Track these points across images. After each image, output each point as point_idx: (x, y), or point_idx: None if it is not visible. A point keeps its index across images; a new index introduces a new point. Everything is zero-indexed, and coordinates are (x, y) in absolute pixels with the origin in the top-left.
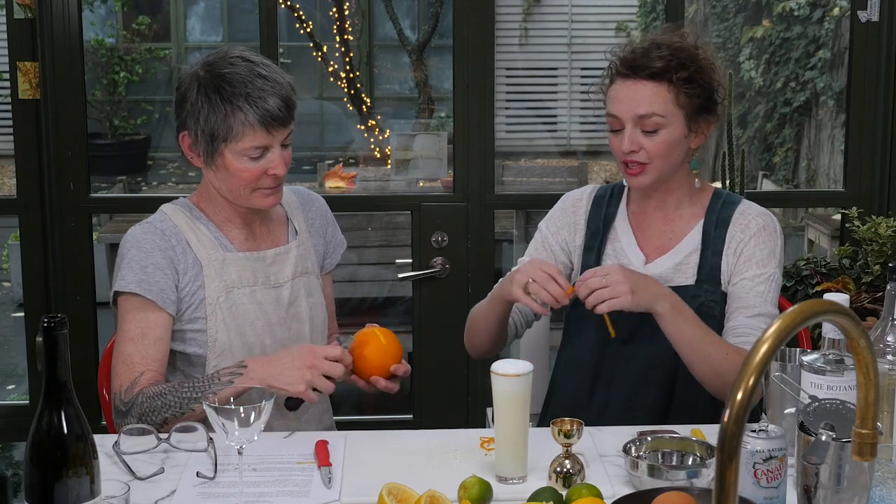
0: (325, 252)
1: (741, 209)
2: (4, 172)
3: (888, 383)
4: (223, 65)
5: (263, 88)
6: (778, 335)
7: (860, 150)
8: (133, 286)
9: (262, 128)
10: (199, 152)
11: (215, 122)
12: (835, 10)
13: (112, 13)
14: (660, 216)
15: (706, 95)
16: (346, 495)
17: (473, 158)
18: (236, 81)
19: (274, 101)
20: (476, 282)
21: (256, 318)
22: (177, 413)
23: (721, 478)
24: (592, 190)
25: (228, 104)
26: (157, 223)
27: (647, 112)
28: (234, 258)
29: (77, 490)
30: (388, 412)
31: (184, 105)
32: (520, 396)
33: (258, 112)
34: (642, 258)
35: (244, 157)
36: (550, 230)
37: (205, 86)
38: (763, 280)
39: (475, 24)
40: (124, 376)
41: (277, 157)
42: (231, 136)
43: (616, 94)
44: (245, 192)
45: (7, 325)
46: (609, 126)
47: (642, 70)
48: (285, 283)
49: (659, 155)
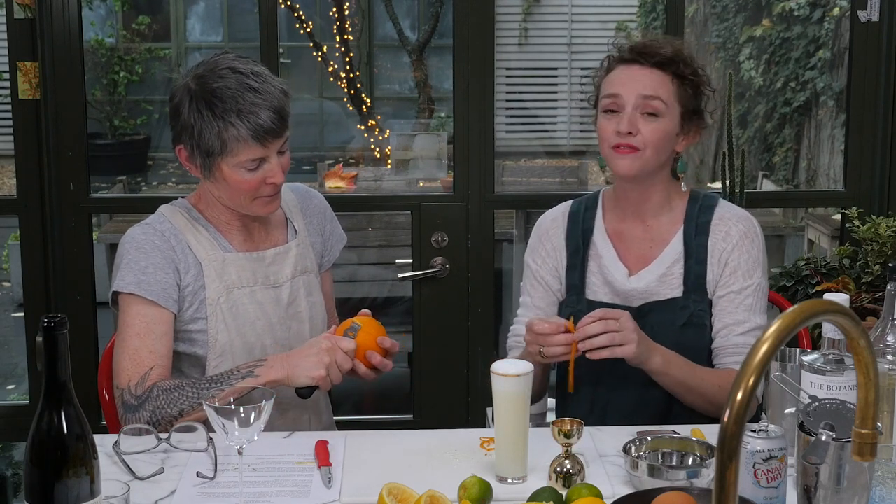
0: (324, 249)
1: (719, 213)
2: (4, 172)
3: (888, 383)
4: (213, 78)
5: (255, 102)
6: (778, 335)
7: (860, 150)
8: (132, 287)
9: (256, 142)
10: (196, 164)
11: (209, 138)
12: (835, 10)
13: (112, 13)
14: (638, 225)
15: (700, 101)
16: (346, 495)
17: (473, 158)
18: (227, 97)
19: (266, 114)
20: (476, 282)
21: (257, 319)
22: (194, 404)
23: (721, 478)
24: (566, 208)
25: (220, 120)
26: (157, 224)
27: (652, 94)
28: (233, 258)
29: (77, 490)
30: (388, 412)
31: (178, 119)
32: (520, 396)
33: (250, 127)
34: (625, 271)
35: (241, 169)
36: (537, 262)
37: (196, 101)
38: (750, 293)
39: (475, 24)
40: (132, 371)
41: (275, 165)
42: (226, 151)
43: (619, 76)
44: (245, 200)
45: (7, 325)
46: (603, 107)
47: (650, 57)
48: (285, 282)
49: (653, 142)
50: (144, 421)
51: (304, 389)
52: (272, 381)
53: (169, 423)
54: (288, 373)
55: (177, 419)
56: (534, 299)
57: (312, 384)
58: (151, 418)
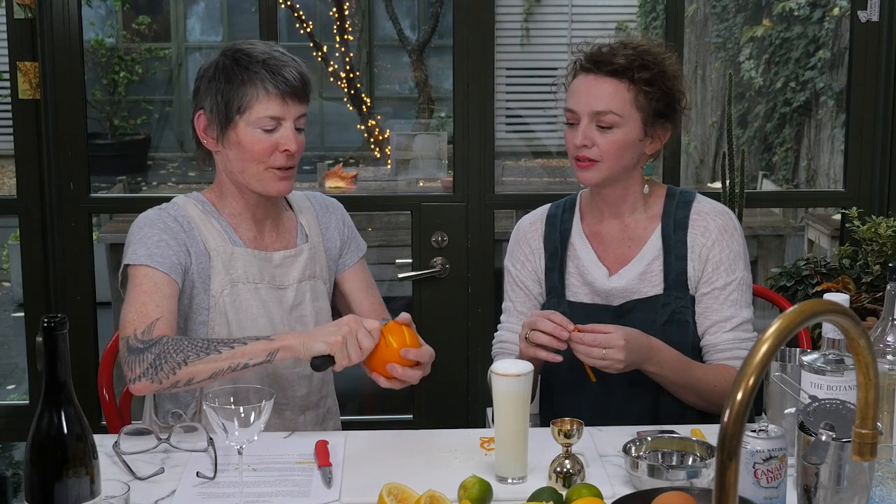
0: (339, 253)
1: (696, 209)
2: (4, 172)
3: (888, 383)
4: (243, 44)
5: (282, 60)
6: (778, 335)
7: (860, 150)
8: (144, 258)
9: (279, 96)
10: (212, 131)
11: (231, 92)
12: (835, 10)
13: (112, 13)
14: (616, 224)
15: (666, 101)
16: (346, 495)
17: (473, 158)
18: (254, 53)
19: (292, 73)
20: (476, 282)
21: (259, 316)
22: (200, 353)
23: (721, 478)
24: (543, 211)
25: (246, 71)
26: (171, 210)
27: (603, 109)
28: (241, 253)
29: (77, 490)
30: (388, 412)
31: (202, 84)
32: (520, 396)
33: (275, 79)
34: (605, 271)
35: (257, 129)
36: (517, 266)
37: (223, 63)
38: (734, 287)
39: (475, 24)
40: (138, 321)
41: (290, 132)
42: (246, 104)
43: (576, 88)
44: (258, 169)
45: (7, 325)
46: (566, 119)
47: (604, 66)
48: (290, 285)
49: (610, 153)
50: (147, 363)
51: (319, 359)
52: (286, 347)
53: (171, 371)
54: (304, 340)
55: (180, 366)
56: (515, 304)
57: (327, 350)
58: (155, 361)
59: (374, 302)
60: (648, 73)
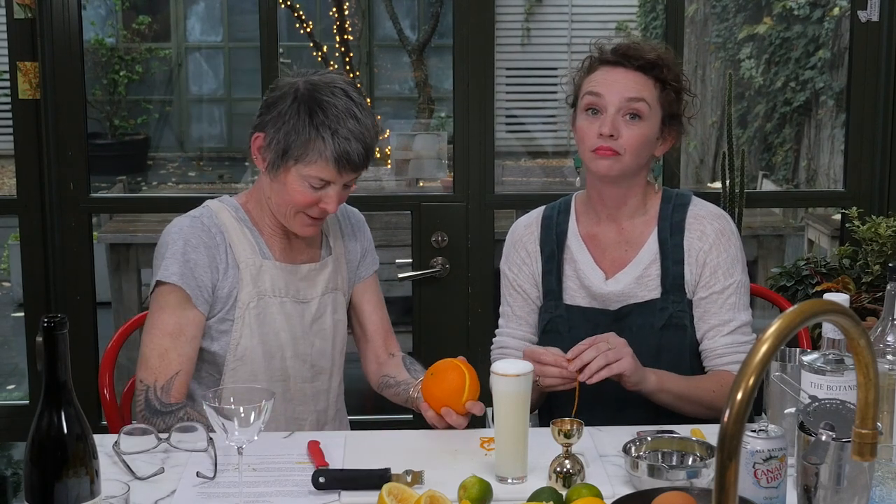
0: (358, 265)
1: (693, 212)
2: (4, 172)
3: (888, 383)
4: (325, 91)
5: (352, 131)
6: (778, 335)
7: (860, 150)
8: (176, 278)
9: (335, 166)
10: (265, 157)
11: (294, 141)
12: (835, 9)
13: (112, 13)
14: (613, 228)
15: (678, 107)
16: (347, 495)
17: (473, 158)
18: (330, 113)
19: (356, 146)
20: (476, 282)
21: (282, 329)
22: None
23: (721, 478)
24: (538, 214)
25: (314, 130)
26: (204, 219)
27: (636, 95)
28: (270, 266)
29: (77, 490)
30: (388, 412)
31: (271, 110)
32: (520, 396)
33: (337, 151)
34: (601, 275)
35: (305, 183)
36: (513, 270)
37: (299, 102)
38: (732, 291)
39: (475, 24)
40: (160, 371)
41: (334, 194)
42: (303, 160)
43: (603, 77)
44: (290, 211)
45: (7, 325)
46: (585, 105)
47: (634, 60)
48: (313, 299)
49: (633, 147)
50: (161, 426)
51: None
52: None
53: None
54: None
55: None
56: (513, 308)
57: None
58: (167, 427)
59: (382, 317)
60: (671, 73)
